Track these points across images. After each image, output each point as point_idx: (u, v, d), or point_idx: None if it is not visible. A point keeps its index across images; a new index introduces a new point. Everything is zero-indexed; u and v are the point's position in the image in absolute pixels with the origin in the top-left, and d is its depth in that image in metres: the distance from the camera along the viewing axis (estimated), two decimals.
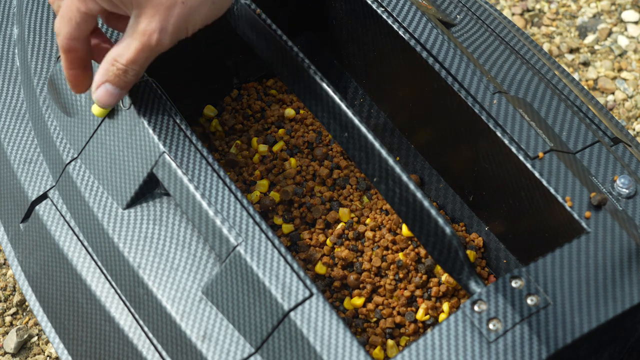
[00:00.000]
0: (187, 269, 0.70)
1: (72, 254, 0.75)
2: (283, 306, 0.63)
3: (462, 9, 0.87)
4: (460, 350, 0.60)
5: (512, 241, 0.80)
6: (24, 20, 0.87)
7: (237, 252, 0.66)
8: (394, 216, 0.81)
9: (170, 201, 0.73)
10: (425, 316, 0.77)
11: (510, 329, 0.60)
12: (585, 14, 1.27)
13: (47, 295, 0.79)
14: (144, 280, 0.70)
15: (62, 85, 0.79)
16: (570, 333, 0.60)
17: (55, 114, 0.80)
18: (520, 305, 0.61)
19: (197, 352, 0.67)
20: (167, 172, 0.70)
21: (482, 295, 0.61)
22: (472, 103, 0.73)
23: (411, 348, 0.61)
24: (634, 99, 1.17)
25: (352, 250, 0.80)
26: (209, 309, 0.68)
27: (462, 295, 0.78)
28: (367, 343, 0.76)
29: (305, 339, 0.62)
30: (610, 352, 0.66)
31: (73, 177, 0.76)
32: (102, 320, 0.74)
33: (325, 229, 0.82)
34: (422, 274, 0.79)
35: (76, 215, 0.76)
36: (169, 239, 0.71)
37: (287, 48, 0.74)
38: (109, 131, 0.74)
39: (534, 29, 1.25)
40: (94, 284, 0.74)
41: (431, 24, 0.78)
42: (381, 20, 0.79)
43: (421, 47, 0.76)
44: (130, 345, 0.71)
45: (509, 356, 0.59)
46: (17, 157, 0.81)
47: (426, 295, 0.78)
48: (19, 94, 0.86)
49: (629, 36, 1.24)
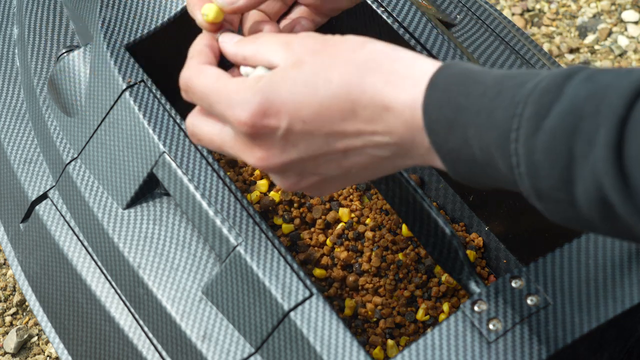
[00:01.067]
0: (187, 269, 0.70)
1: (72, 254, 0.75)
2: (283, 306, 0.63)
3: (462, 9, 0.87)
4: (460, 351, 0.60)
5: (512, 241, 0.80)
6: (24, 20, 0.87)
7: (237, 252, 0.66)
8: (394, 216, 0.81)
9: (170, 201, 0.73)
10: (425, 316, 0.77)
11: (510, 329, 0.60)
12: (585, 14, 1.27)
13: (47, 295, 0.79)
14: (144, 280, 0.70)
15: (62, 85, 0.79)
16: (570, 333, 0.60)
17: (55, 114, 0.80)
18: (520, 305, 0.61)
19: (197, 352, 0.67)
20: (167, 172, 0.70)
21: (482, 295, 0.61)
22: None
23: (411, 348, 0.60)
24: None
25: (352, 251, 0.80)
26: (209, 309, 0.68)
27: (462, 295, 0.78)
28: (367, 343, 0.76)
29: (305, 339, 0.62)
30: (610, 352, 0.66)
31: (73, 177, 0.76)
32: (102, 320, 0.74)
33: (325, 229, 0.82)
34: (422, 274, 0.79)
35: (76, 215, 0.76)
36: (169, 239, 0.71)
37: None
38: (109, 131, 0.74)
39: (534, 29, 1.25)
40: (94, 284, 0.74)
41: (431, 24, 0.78)
42: (381, 20, 0.79)
43: (421, 47, 0.76)
44: (130, 345, 0.71)
45: (509, 356, 0.59)
46: (17, 157, 0.81)
47: (426, 295, 0.78)
48: (19, 94, 0.86)
49: (629, 36, 1.24)
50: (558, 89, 0.47)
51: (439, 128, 0.51)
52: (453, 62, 0.53)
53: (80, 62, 0.79)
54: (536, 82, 0.49)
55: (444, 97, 0.51)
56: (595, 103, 0.45)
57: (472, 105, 0.50)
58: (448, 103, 0.51)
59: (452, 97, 0.51)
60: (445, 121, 0.51)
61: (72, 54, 0.79)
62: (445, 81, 0.52)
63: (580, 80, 0.47)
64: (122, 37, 0.78)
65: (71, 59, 0.79)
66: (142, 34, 0.78)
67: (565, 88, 0.47)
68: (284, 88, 0.54)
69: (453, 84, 0.52)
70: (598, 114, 0.45)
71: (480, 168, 0.51)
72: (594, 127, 0.45)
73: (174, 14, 0.78)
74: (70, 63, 0.79)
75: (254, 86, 0.55)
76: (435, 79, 0.52)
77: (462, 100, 0.51)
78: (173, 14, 0.79)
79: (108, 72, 0.76)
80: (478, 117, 0.50)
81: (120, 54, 0.76)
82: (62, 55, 0.80)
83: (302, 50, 0.56)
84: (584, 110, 0.46)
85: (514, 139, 0.48)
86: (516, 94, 0.49)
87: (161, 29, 0.78)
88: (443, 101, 0.51)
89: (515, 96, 0.49)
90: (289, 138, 0.55)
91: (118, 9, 0.79)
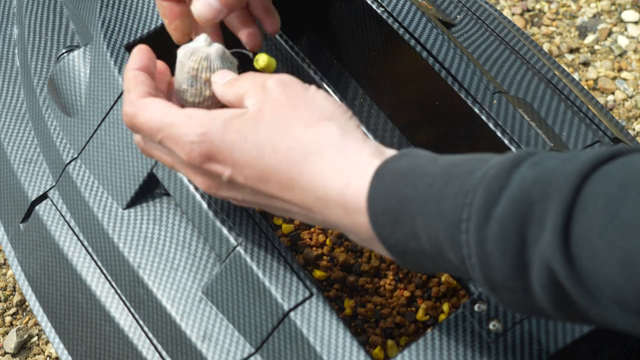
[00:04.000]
0: (187, 269, 0.70)
1: (72, 254, 0.75)
2: (283, 306, 0.63)
3: (462, 9, 0.87)
4: (460, 351, 0.60)
5: None
6: (24, 20, 0.87)
7: (237, 252, 0.66)
8: None
9: (170, 201, 0.73)
10: (425, 316, 0.77)
11: (510, 329, 0.60)
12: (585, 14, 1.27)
13: (47, 295, 0.79)
14: (144, 280, 0.70)
15: (62, 85, 0.79)
16: (570, 333, 0.60)
17: (55, 114, 0.80)
18: None
19: (197, 352, 0.67)
20: (167, 172, 0.70)
21: (482, 295, 0.61)
22: (472, 103, 0.73)
23: (411, 348, 0.61)
24: (634, 99, 1.17)
25: (352, 251, 0.80)
26: (209, 309, 0.68)
27: (462, 295, 0.78)
28: (367, 343, 0.76)
29: (305, 339, 0.62)
30: (610, 352, 0.66)
31: (73, 177, 0.76)
32: (102, 320, 0.74)
33: (325, 229, 0.82)
34: (421, 274, 0.79)
35: (76, 215, 0.76)
36: (169, 239, 0.71)
37: (288, 49, 0.74)
38: (109, 131, 0.74)
39: (534, 29, 1.25)
40: (94, 284, 0.74)
41: (431, 24, 0.78)
42: (381, 20, 0.79)
43: (421, 47, 0.76)
44: (130, 345, 0.71)
45: (509, 356, 0.59)
46: (17, 157, 0.81)
47: (426, 295, 0.78)
48: (19, 94, 0.86)
49: (629, 36, 1.24)
50: (506, 175, 0.47)
51: (385, 220, 0.51)
52: (400, 152, 0.53)
53: (80, 62, 0.79)
54: (485, 170, 0.48)
55: (389, 190, 0.51)
56: (543, 187, 0.45)
57: (420, 195, 0.50)
58: (394, 195, 0.51)
59: (398, 189, 0.51)
60: (391, 212, 0.51)
61: (72, 54, 0.79)
62: (390, 173, 0.52)
63: (528, 166, 0.47)
64: (122, 37, 0.78)
65: (71, 59, 0.79)
66: (142, 34, 0.78)
67: (513, 174, 0.47)
68: (235, 142, 0.56)
69: (399, 176, 0.51)
70: (547, 197, 0.45)
71: (429, 259, 0.51)
72: (543, 211, 0.45)
73: None
74: (70, 63, 0.79)
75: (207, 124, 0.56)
76: (381, 172, 0.52)
77: (409, 192, 0.50)
78: None
79: (108, 72, 0.76)
80: (426, 207, 0.49)
81: (120, 54, 0.76)
82: (62, 55, 0.80)
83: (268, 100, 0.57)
84: (532, 194, 0.45)
85: (464, 230, 0.47)
86: (465, 182, 0.48)
87: (161, 29, 0.78)
88: (389, 193, 0.51)
89: (464, 184, 0.48)
90: (234, 183, 0.57)
91: (118, 9, 0.79)
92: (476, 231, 0.47)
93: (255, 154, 0.55)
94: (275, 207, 0.57)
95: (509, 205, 0.46)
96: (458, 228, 0.48)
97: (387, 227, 0.51)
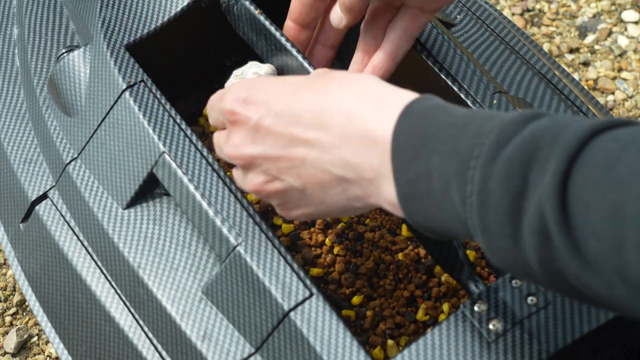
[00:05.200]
0: (187, 269, 0.70)
1: (72, 254, 0.75)
2: (283, 306, 0.63)
3: (462, 9, 0.87)
4: (460, 351, 0.60)
5: None
6: (24, 20, 0.87)
7: (237, 252, 0.66)
8: (394, 217, 0.81)
9: (170, 201, 0.73)
10: (425, 316, 0.77)
11: (510, 329, 0.60)
12: (585, 14, 1.27)
13: (47, 295, 0.79)
14: (144, 280, 0.70)
15: (62, 85, 0.79)
16: (570, 333, 0.60)
17: (55, 114, 0.80)
18: (520, 305, 0.61)
19: (197, 352, 0.67)
20: (167, 172, 0.70)
21: (482, 295, 0.61)
22: (472, 103, 0.73)
23: (411, 348, 0.61)
24: (634, 99, 1.17)
25: (352, 251, 0.80)
26: (209, 309, 0.68)
27: (462, 295, 0.78)
28: (367, 343, 0.76)
29: (305, 339, 0.62)
30: (611, 352, 0.66)
31: (73, 177, 0.76)
32: (102, 320, 0.74)
33: (325, 229, 0.82)
34: (422, 274, 0.79)
35: (76, 215, 0.76)
36: (169, 239, 0.71)
37: (287, 47, 0.74)
38: (109, 131, 0.74)
39: (534, 29, 1.25)
40: (94, 284, 0.74)
41: (431, 24, 0.78)
42: None
43: (421, 47, 0.76)
44: (130, 345, 0.71)
45: (509, 356, 0.59)
46: (17, 157, 0.81)
47: (426, 296, 0.78)
48: (19, 94, 0.86)
49: (629, 36, 1.24)
50: (524, 122, 0.49)
51: (404, 155, 0.52)
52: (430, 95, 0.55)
53: (80, 62, 0.79)
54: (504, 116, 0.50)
55: (415, 125, 0.52)
56: (553, 136, 0.47)
57: (441, 133, 0.51)
58: (418, 131, 0.52)
59: (423, 125, 0.52)
60: (411, 148, 0.52)
61: (72, 54, 0.79)
62: (419, 110, 0.53)
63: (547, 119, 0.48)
64: (122, 37, 0.78)
65: (71, 59, 0.79)
66: (142, 34, 0.78)
67: (530, 123, 0.48)
68: (268, 82, 0.61)
69: (426, 113, 0.53)
70: (554, 144, 0.46)
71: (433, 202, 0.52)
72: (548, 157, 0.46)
73: (174, 14, 0.79)
74: (70, 63, 0.79)
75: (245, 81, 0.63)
76: (410, 107, 0.53)
77: (432, 129, 0.52)
78: (173, 14, 0.79)
79: (108, 72, 0.76)
80: (444, 144, 0.51)
81: (120, 54, 0.76)
82: (62, 55, 0.80)
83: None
84: (542, 141, 0.47)
85: (472, 167, 0.49)
86: (484, 124, 0.50)
87: (161, 29, 0.78)
88: (414, 128, 0.52)
89: (483, 126, 0.50)
90: (259, 130, 0.59)
91: (118, 9, 0.79)
92: (482, 167, 0.48)
93: (287, 89, 0.59)
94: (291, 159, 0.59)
95: (518, 147, 0.47)
96: (467, 164, 0.49)
97: (405, 163, 0.52)
